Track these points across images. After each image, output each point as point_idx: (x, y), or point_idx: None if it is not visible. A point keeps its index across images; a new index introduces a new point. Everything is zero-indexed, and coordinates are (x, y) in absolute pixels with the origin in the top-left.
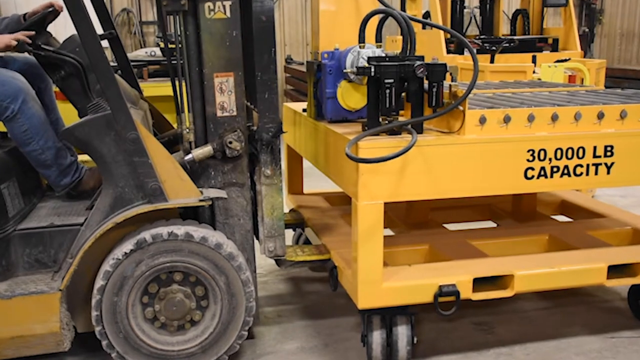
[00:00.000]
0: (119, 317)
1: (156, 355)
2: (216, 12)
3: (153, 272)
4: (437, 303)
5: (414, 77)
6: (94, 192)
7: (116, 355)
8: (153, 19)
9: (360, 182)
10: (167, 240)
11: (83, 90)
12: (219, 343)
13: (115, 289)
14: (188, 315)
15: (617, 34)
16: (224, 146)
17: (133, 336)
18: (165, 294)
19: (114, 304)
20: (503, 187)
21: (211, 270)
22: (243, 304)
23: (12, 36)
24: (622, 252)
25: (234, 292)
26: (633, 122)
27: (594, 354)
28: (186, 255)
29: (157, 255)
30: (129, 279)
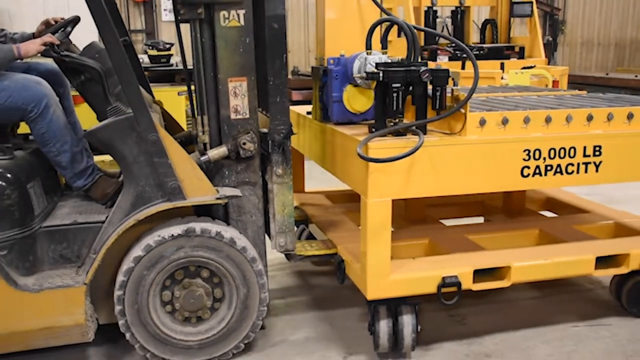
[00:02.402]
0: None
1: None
2: (231, 20)
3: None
4: (441, 293)
5: (419, 82)
6: (99, 201)
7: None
8: (142, 27)
9: (370, 181)
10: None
11: (103, 95)
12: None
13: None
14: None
15: (578, 43)
16: (238, 147)
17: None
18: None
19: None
20: (501, 185)
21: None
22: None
23: (41, 40)
24: (608, 244)
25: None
26: (619, 124)
27: (556, 342)
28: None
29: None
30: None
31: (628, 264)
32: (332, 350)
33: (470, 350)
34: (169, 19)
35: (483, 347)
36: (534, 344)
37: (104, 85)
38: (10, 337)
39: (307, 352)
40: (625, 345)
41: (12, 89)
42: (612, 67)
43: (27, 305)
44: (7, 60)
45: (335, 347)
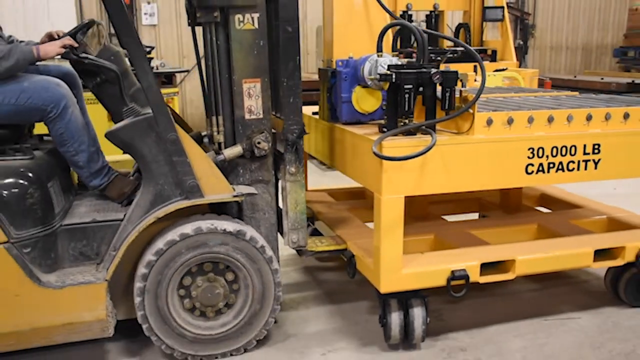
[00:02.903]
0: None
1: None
2: (245, 23)
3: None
4: (450, 286)
5: (430, 83)
6: (115, 200)
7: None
8: None
9: (384, 178)
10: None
11: (119, 96)
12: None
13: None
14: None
15: (547, 47)
16: (252, 146)
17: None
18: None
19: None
20: (507, 182)
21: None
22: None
23: (61, 43)
24: (605, 238)
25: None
26: (616, 123)
27: (529, 336)
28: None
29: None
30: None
31: (624, 257)
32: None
33: (446, 345)
34: (149, 23)
35: (458, 341)
36: (508, 338)
37: (121, 86)
38: (33, 333)
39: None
40: (593, 337)
41: (32, 90)
42: (579, 70)
43: (50, 302)
44: (27, 62)
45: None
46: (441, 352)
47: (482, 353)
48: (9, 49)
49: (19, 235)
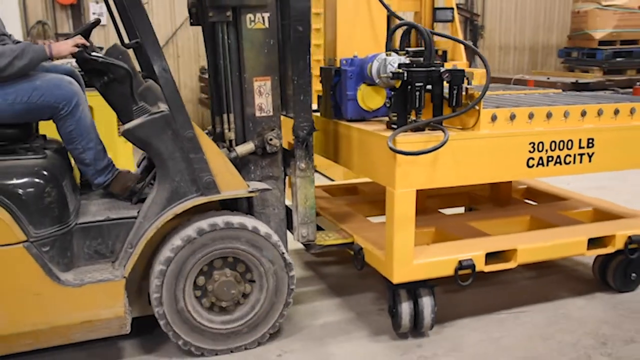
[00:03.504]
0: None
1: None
2: (256, 22)
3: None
4: (458, 275)
5: (439, 81)
6: (121, 196)
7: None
8: (69, 31)
9: (398, 172)
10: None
11: (130, 94)
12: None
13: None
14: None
15: (496, 47)
16: (264, 143)
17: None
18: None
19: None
20: (510, 175)
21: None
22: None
23: (73, 42)
24: (596, 227)
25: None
26: (607, 119)
27: (484, 329)
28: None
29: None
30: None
31: (614, 244)
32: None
33: (402, 342)
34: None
35: (416, 339)
36: (465, 333)
37: (132, 85)
38: (52, 332)
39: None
40: (543, 329)
41: (44, 88)
42: (527, 70)
43: (69, 300)
44: (40, 60)
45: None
46: (396, 350)
47: (439, 348)
48: (22, 48)
49: (37, 234)
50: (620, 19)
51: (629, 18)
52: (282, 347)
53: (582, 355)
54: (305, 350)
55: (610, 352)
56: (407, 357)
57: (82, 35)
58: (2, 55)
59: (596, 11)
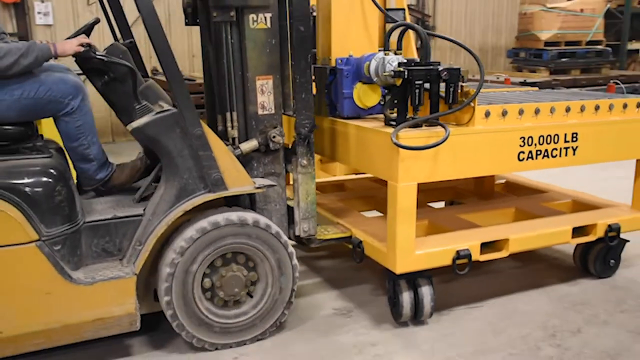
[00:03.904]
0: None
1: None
2: (259, 22)
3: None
4: (455, 265)
5: (437, 79)
6: (120, 188)
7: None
8: (13, 31)
9: (401, 167)
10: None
11: (132, 93)
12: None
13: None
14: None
15: (447, 48)
16: (268, 140)
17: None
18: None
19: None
20: (503, 168)
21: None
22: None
23: (77, 41)
24: (579, 217)
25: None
26: (589, 115)
27: (435, 325)
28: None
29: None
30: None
31: (595, 233)
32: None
33: (357, 341)
34: (44, 23)
35: (370, 337)
36: (416, 330)
37: (135, 84)
38: (64, 330)
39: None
40: (495, 324)
41: (50, 83)
42: (477, 70)
43: (81, 298)
44: (44, 59)
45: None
46: (353, 349)
47: (392, 346)
48: (28, 46)
49: (49, 233)
50: (564, 21)
51: (572, 20)
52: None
53: (532, 347)
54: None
55: (559, 343)
56: (409, 343)
57: (83, 34)
58: (8, 54)
59: (541, 13)
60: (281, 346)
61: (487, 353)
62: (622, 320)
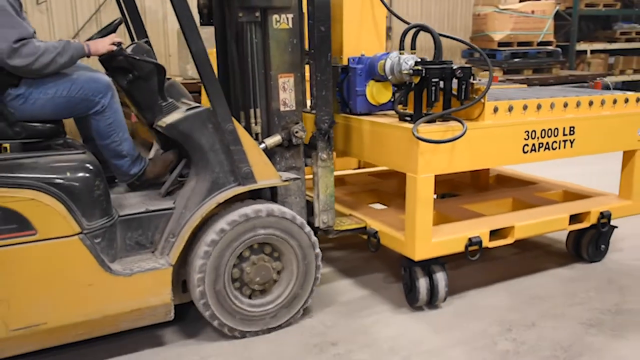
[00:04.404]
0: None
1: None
2: (281, 23)
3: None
4: (468, 251)
5: (450, 77)
6: (154, 182)
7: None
8: None
9: (421, 159)
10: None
11: (158, 91)
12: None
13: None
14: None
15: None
16: (290, 135)
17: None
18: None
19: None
20: (509, 160)
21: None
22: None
23: (110, 40)
24: (575, 205)
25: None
26: (584, 109)
27: (397, 325)
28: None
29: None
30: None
31: (589, 220)
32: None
33: (318, 340)
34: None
35: (329, 336)
36: (378, 329)
37: (163, 82)
38: (104, 321)
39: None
40: (454, 319)
41: (82, 81)
42: None
43: (120, 289)
44: (78, 57)
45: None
46: (313, 349)
47: (353, 345)
48: (64, 46)
49: (90, 226)
50: (516, 22)
51: (524, 21)
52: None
53: (489, 342)
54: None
55: (515, 338)
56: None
57: (113, 33)
58: (46, 52)
59: (494, 14)
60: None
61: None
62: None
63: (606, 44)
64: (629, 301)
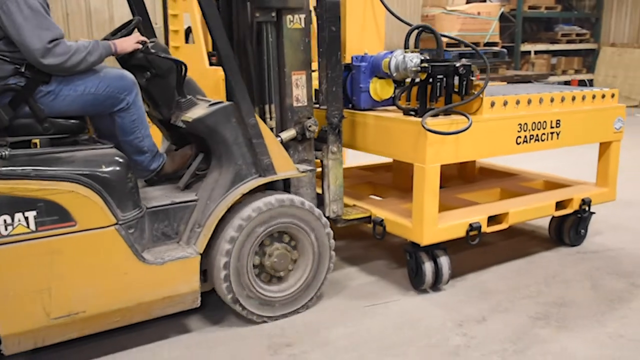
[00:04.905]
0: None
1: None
2: (294, 23)
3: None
4: (468, 236)
5: (453, 74)
6: (172, 176)
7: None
8: None
9: (429, 150)
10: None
11: (178, 88)
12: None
13: None
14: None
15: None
16: (304, 129)
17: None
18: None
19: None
20: (504, 150)
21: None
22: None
23: (135, 38)
24: (559, 193)
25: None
26: (568, 104)
27: (349, 323)
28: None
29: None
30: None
31: (572, 206)
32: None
33: (272, 342)
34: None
35: (285, 337)
36: (332, 328)
37: (183, 79)
38: (137, 308)
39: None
40: (408, 316)
41: (109, 79)
42: None
43: (153, 277)
44: (107, 56)
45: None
46: (267, 350)
47: (307, 345)
48: (93, 45)
49: (124, 217)
50: (464, 23)
51: (471, 22)
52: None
53: (441, 338)
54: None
55: (466, 332)
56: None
57: (130, 33)
58: (77, 52)
59: (442, 15)
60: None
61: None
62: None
63: (549, 45)
64: (572, 294)
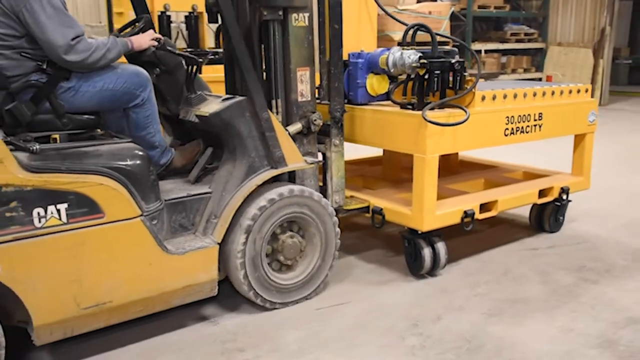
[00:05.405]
0: None
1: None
2: (299, 21)
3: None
4: (463, 222)
5: (449, 70)
6: (180, 170)
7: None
8: None
9: (429, 141)
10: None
11: (188, 83)
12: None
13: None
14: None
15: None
16: (309, 123)
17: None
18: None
19: None
20: (494, 141)
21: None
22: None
23: (151, 35)
24: (541, 182)
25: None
26: (548, 98)
27: (304, 325)
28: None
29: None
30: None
31: (553, 194)
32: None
33: (224, 348)
34: None
35: (237, 342)
36: (284, 332)
37: (195, 75)
38: (159, 298)
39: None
40: (362, 318)
41: (126, 75)
42: None
43: (175, 267)
44: (123, 52)
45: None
46: (220, 357)
47: (259, 350)
48: (112, 42)
49: (148, 209)
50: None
51: (422, 21)
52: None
53: (396, 338)
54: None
55: (421, 332)
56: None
57: (143, 30)
58: (97, 49)
59: (394, 14)
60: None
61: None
62: None
63: (498, 44)
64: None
